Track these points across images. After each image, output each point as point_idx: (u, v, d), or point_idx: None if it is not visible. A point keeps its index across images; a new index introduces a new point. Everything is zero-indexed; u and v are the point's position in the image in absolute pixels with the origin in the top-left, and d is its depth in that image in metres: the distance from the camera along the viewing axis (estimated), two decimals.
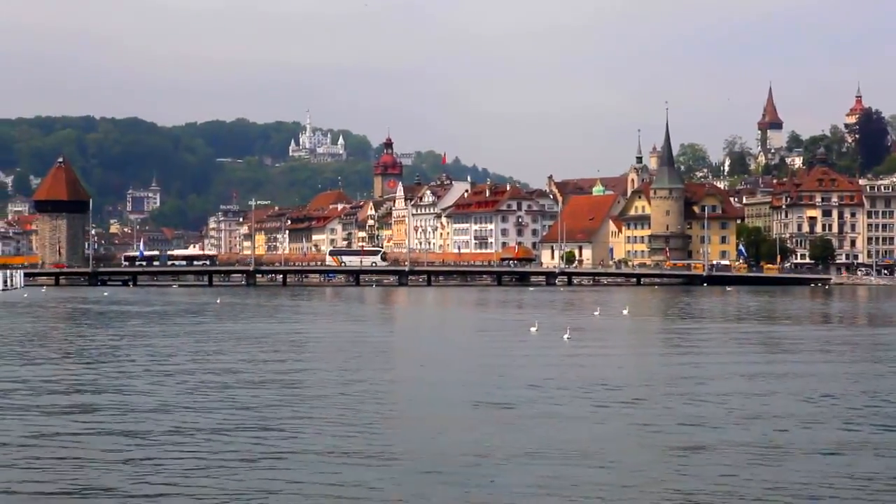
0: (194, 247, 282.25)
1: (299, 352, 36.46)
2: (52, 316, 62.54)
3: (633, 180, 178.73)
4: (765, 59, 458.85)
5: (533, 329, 44.75)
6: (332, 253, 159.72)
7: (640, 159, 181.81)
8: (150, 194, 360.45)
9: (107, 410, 21.83)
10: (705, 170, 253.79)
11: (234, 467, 16.08)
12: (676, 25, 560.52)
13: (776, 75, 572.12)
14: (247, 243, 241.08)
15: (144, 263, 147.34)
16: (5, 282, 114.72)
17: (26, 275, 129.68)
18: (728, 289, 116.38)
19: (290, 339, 42.19)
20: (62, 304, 79.10)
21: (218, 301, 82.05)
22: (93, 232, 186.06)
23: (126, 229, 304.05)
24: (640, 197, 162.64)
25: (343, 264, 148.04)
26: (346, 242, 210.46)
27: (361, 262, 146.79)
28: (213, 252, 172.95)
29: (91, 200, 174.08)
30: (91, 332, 46.21)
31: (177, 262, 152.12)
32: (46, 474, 15.61)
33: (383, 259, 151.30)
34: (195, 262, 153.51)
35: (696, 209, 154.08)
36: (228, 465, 16.21)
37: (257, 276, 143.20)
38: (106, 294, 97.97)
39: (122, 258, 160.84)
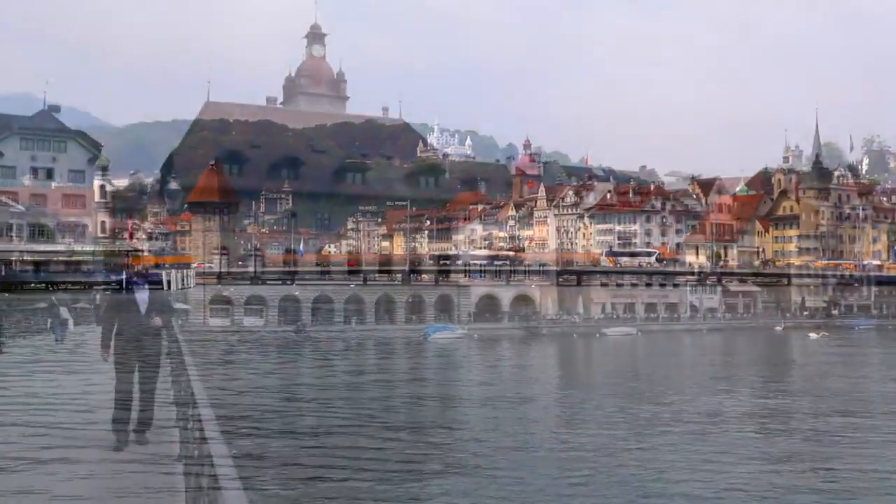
0: (330, 247, 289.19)
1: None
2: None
3: (779, 180, 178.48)
4: None
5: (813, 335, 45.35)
6: (608, 254, 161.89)
7: (786, 159, 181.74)
8: (283, 195, 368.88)
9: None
10: (842, 168, 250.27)
11: None
12: (805, 21, 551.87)
13: None
14: (385, 243, 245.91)
15: (448, 262, 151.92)
16: (183, 281, 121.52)
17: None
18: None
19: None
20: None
21: None
22: (235, 231, 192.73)
23: (263, 230, 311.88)
24: (787, 196, 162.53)
25: (619, 264, 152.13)
26: (486, 243, 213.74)
27: (640, 263, 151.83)
28: (510, 252, 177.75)
29: (239, 202, 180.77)
30: None
31: (474, 263, 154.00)
32: None
33: (658, 260, 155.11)
34: (495, 262, 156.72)
35: (847, 209, 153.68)
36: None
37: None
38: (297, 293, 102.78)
39: (434, 258, 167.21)
